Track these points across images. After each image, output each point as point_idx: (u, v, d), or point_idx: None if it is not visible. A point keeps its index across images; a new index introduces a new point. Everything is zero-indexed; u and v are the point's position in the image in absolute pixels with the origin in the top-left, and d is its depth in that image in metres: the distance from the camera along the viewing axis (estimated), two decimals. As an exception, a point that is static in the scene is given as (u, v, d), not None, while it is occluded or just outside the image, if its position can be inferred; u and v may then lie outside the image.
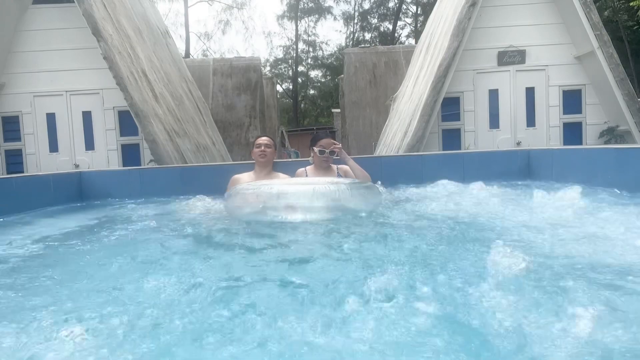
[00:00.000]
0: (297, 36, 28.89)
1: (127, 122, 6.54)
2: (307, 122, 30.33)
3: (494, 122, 6.95)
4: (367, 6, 28.19)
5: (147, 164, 6.41)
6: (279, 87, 27.60)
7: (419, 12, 26.91)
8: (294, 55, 29.43)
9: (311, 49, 30.04)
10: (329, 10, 28.57)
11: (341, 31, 38.63)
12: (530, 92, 6.91)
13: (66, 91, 6.69)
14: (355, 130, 12.26)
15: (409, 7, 28.02)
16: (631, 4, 12.54)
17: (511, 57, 6.82)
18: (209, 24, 39.26)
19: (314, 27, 29.96)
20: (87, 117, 6.75)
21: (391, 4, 27.72)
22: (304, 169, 3.23)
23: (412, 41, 25.84)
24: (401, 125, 7.63)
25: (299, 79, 30.70)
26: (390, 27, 28.10)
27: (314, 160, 3.19)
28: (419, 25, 26.02)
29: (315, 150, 3.11)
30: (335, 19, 29.28)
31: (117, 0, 7.02)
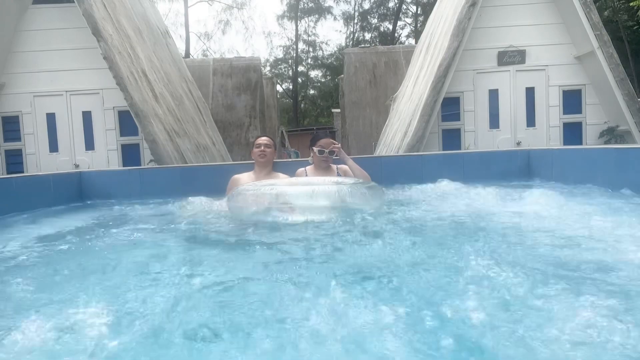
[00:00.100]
0: (297, 36, 28.91)
1: (127, 122, 6.54)
2: (307, 122, 30.34)
3: (494, 122, 6.95)
4: (367, 6, 28.24)
5: (147, 164, 6.41)
6: (279, 87, 27.62)
7: (419, 12, 26.93)
8: (294, 55, 29.45)
9: (311, 49, 30.08)
10: (329, 10, 28.62)
11: (341, 31, 38.68)
12: (530, 92, 6.91)
13: (66, 91, 6.69)
14: (355, 130, 12.26)
15: (409, 7, 28.07)
16: (631, 4, 12.55)
17: (511, 57, 6.82)
18: (209, 24, 39.33)
19: (314, 27, 30.01)
20: (87, 117, 6.75)
21: (391, 4, 27.76)
22: (303, 169, 3.23)
23: (412, 41, 25.86)
24: (401, 125, 7.63)
25: (299, 79, 30.72)
26: (390, 27, 28.12)
27: (314, 160, 3.19)
28: (419, 25, 26.03)
29: (314, 150, 3.11)
30: (335, 19, 29.34)
31: (117, 0, 7.02)
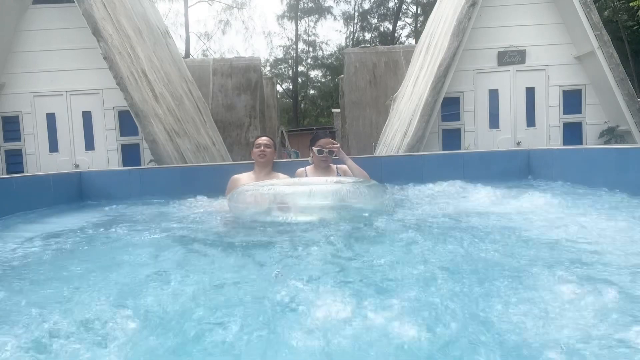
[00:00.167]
0: (297, 36, 28.92)
1: (127, 122, 6.54)
2: (307, 122, 30.34)
3: (494, 122, 6.95)
4: (367, 6, 28.24)
5: (147, 164, 6.41)
6: (279, 87, 27.62)
7: (419, 12, 26.93)
8: (294, 55, 29.46)
9: (311, 49, 30.10)
10: (329, 10, 28.63)
11: (341, 31, 38.71)
12: (530, 92, 6.91)
13: (66, 91, 6.69)
14: (355, 130, 12.26)
15: (409, 7, 28.07)
16: (631, 4, 12.55)
17: (511, 57, 6.82)
18: (209, 24, 39.40)
19: (314, 27, 30.05)
20: (87, 117, 6.75)
21: (391, 4, 27.77)
22: (303, 169, 3.23)
23: (412, 41, 25.86)
24: (401, 125, 7.63)
25: (299, 79, 30.72)
26: (390, 27, 28.13)
27: (313, 160, 3.19)
28: (419, 25, 26.03)
29: (314, 150, 3.11)
30: (335, 19, 29.36)
31: (117, 0, 7.02)
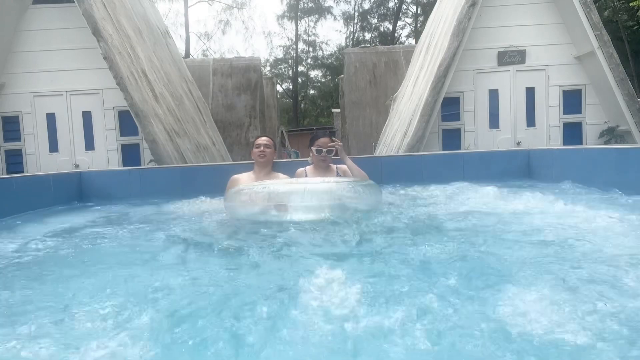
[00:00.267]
0: (297, 36, 28.90)
1: (127, 122, 6.54)
2: (307, 122, 30.34)
3: (494, 122, 6.95)
4: (367, 6, 28.22)
5: (147, 164, 6.41)
6: (279, 87, 27.62)
7: (419, 12, 26.92)
8: (294, 55, 29.44)
9: (311, 49, 30.07)
10: (329, 10, 28.61)
11: (341, 31, 38.70)
12: (530, 92, 6.91)
13: (66, 91, 6.69)
14: (355, 130, 12.26)
15: (409, 7, 28.05)
16: (631, 4, 12.55)
17: (511, 57, 6.82)
18: (209, 24, 39.34)
19: (314, 27, 30.00)
20: (87, 117, 6.75)
21: (391, 4, 27.75)
22: (303, 169, 3.23)
23: (412, 41, 25.86)
24: (401, 125, 7.63)
25: (299, 79, 30.71)
26: (390, 27, 28.12)
27: (313, 160, 3.19)
28: (419, 25, 26.03)
29: (312, 149, 3.10)
30: (335, 19, 29.33)
31: (117, 0, 7.02)
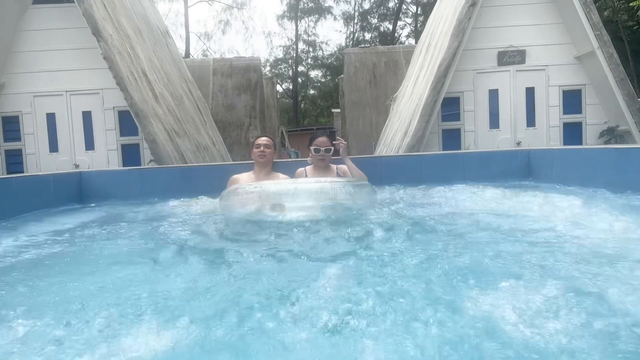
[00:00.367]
0: (297, 36, 28.90)
1: (127, 122, 6.53)
2: (307, 122, 30.34)
3: (494, 122, 6.95)
4: (367, 6, 28.22)
5: (147, 164, 6.41)
6: (279, 87, 27.62)
7: (419, 12, 26.92)
8: (294, 55, 29.44)
9: (311, 49, 30.08)
10: (329, 10, 28.61)
11: (341, 31, 38.70)
12: (530, 92, 6.90)
13: (66, 91, 6.69)
14: (355, 130, 12.26)
15: (409, 7, 28.05)
16: (631, 4, 12.55)
17: (511, 57, 6.81)
18: (209, 24, 39.38)
19: (314, 27, 30.02)
20: (87, 117, 6.75)
21: (391, 4, 27.75)
22: (303, 169, 3.23)
23: (412, 41, 25.85)
24: (401, 125, 7.62)
25: (299, 79, 30.71)
26: (390, 27, 28.12)
27: (312, 159, 3.19)
28: (419, 25, 26.02)
29: (311, 149, 3.10)
30: (335, 19, 29.34)
31: (117, 0, 7.01)
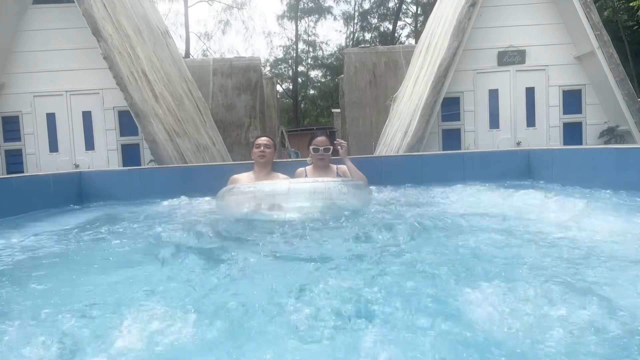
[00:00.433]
0: (297, 36, 28.91)
1: (127, 122, 6.53)
2: (307, 122, 30.35)
3: (494, 122, 6.95)
4: (367, 6, 28.23)
5: (147, 164, 6.41)
6: (279, 87, 27.63)
7: (419, 12, 26.92)
8: (294, 55, 29.45)
9: (311, 49, 30.09)
10: (329, 10, 28.62)
11: (341, 31, 38.73)
12: (530, 92, 6.90)
13: (66, 91, 6.69)
14: (355, 130, 12.26)
15: (409, 7, 28.06)
16: (631, 4, 12.54)
17: (511, 57, 6.81)
18: (209, 24, 39.41)
19: (314, 27, 30.05)
20: (87, 117, 6.75)
21: (391, 4, 27.75)
22: (303, 169, 3.23)
23: (412, 41, 25.86)
24: (401, 125, 7.62)
25: (299, 79, 30.72)
26: (390, 27, 28.12)
27: (312, 159, 3.19)
28: (419, 25, 26.02)
29: (310, 149, 3.10)
30: (335, 19, 29.36)
31: (117, 0, 7.01)
